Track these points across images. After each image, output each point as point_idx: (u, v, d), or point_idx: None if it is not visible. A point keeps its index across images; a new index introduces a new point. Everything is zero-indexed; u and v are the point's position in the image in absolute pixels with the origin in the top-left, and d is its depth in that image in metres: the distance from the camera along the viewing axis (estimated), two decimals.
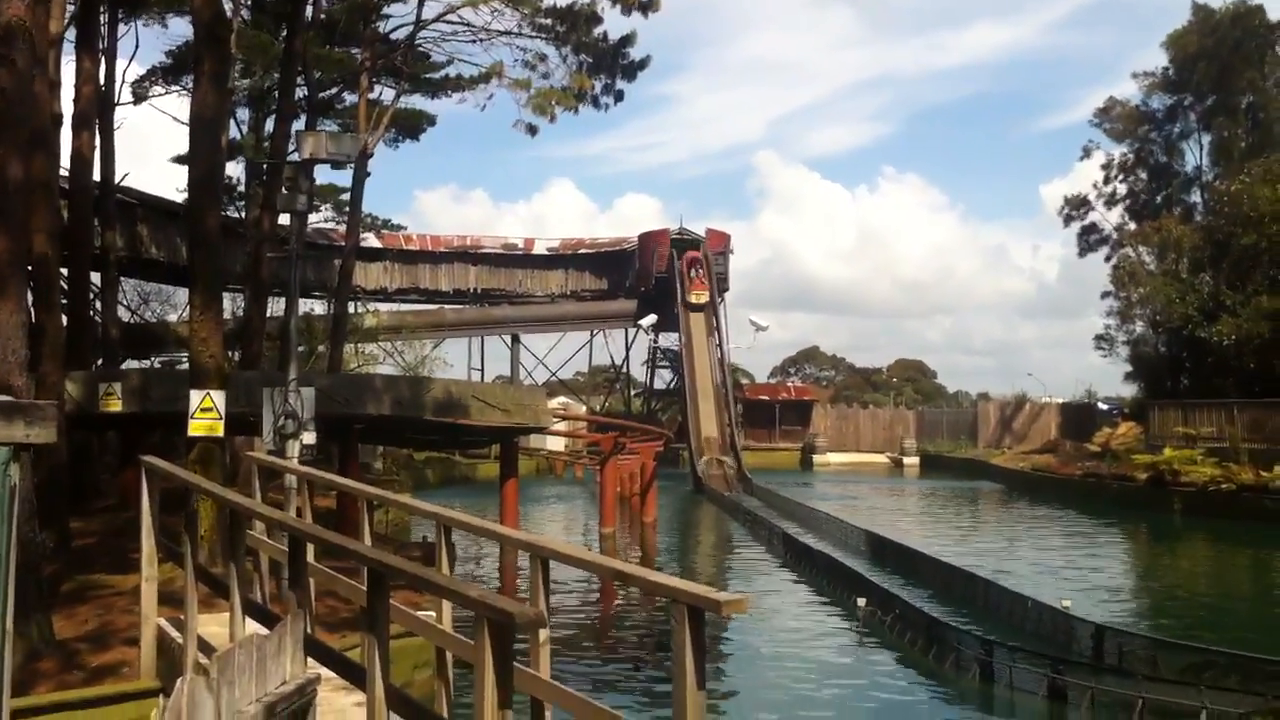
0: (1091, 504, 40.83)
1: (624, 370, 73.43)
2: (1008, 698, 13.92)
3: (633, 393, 74.43)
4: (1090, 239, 57.51)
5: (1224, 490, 36.14)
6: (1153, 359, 50.18)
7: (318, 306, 45.90)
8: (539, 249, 67.34)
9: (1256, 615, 21.66)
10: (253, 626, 7.92)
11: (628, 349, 71.19)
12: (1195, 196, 54.47)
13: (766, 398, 74.40)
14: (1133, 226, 53.57)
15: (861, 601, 19.03)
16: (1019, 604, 18.32)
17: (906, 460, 67.36)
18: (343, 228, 38.51)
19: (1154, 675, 13.37)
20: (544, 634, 6.27)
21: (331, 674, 7.47)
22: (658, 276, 63.47)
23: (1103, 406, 60.41)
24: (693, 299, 61.28)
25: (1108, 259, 55.68)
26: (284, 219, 26.48)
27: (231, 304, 34.68)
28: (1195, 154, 54.83)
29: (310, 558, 8.44)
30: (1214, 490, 36.41)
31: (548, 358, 70.01)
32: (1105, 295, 53.42)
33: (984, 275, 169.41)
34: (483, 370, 67.01)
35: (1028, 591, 19.12)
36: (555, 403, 51.57)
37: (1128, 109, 55.64)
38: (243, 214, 36.02)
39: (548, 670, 6.33)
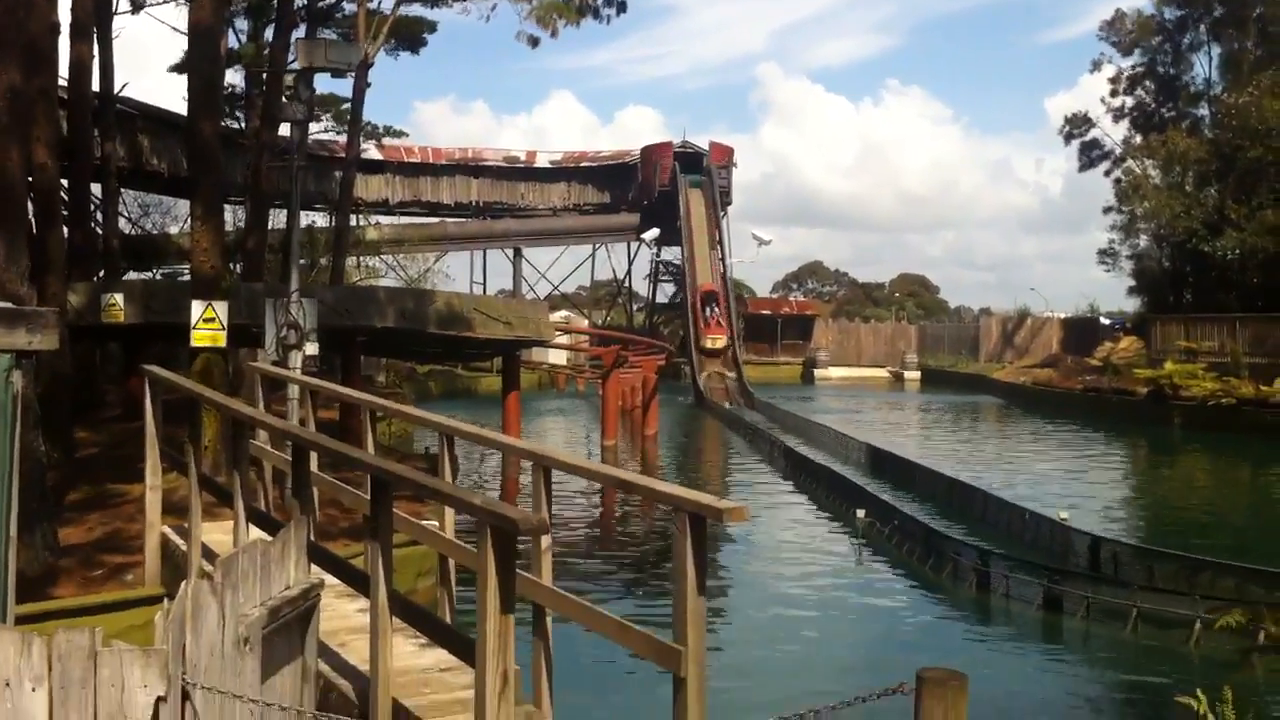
0: (1092, 418, 40.97)
1: (626, 284, 73.35)
2: (1004, 607, 14.09)
3: (635, 307, 74.38)
4: (1092, 154, 56.96)
5: (1224, 404, 36.26)
6: (1155, 273, 50.00)
7: (319, 219, 45.70)
8: (541, 162, 66.90)
9: (1252, 527, 21.84)
10: (256, 534, 7.99)
11: (630, 263, 71.11)
12: (1203, 110, 53.82)
13: (768, 312, 74.33)
14: (1138, 140, 53.04)
15: (861, 513, 19.18)
16: (1016, 515, 18.47)
17: (908, 375, 67.49)
18: (343, 139, 38.13)
19: (1149, 585, 13.52)
20: (546, 541, 6.30)
21: (335, 580, 7.56)
22: (660, 190, 63.09)
23: (1105, 321, 60.25)
24: (707, 344, 56.07)
25: (1108, 174, 55.23)
26: (284, 129, 26.25)
27: (233, 216, 34.45)
28: (1204, 66, 54.17)
29: (313, 467, 8.50)
30: (1214, 404, 36.52)
31: (550, 271, 69.97)
32: (1108, 210, 53.12)
33: (987, 189, 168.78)
34: (485, 284, 67.05)
35: (1026, 503, 19.27)
36: (557, 316, 51.60)
37: (1141, 19, 54.77)
38: (243, 124, 35.65)
39: (549, 577, 6.38)
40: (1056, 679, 11.86)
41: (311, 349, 15.47)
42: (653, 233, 62.27)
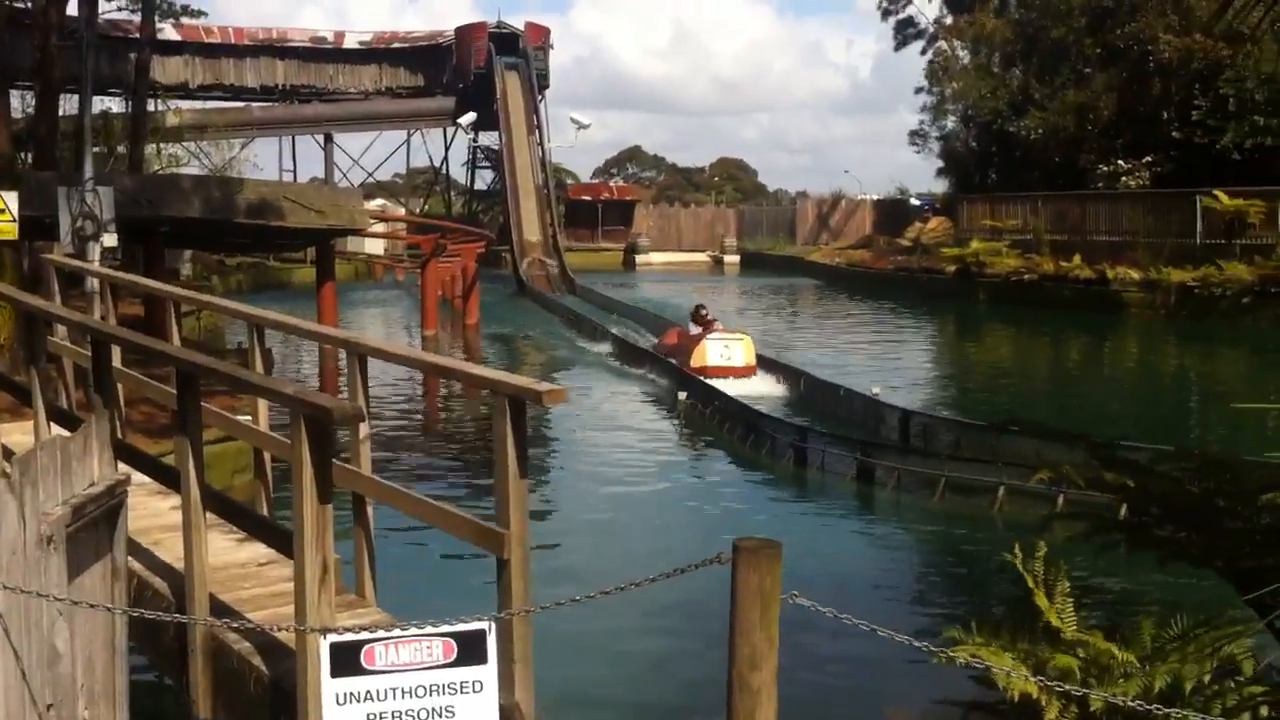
0: (903, 296, 42.23)
1: (443, 171, 72.07)
2: (820, 481, 14.55)
3: (453, 194, 73.21)
4: (906, 32, 57.77)
5: (1027, 280, 37.84)
6: (962, 154, 51.33)
7: (115, 105, 43.50)
8: (350, 43, 64.69)
9: (1052, 394, 22.99)
10: (60, 433, 7.67)
11: (447, 149, 69.70)
12: None
13: (589, 198, 73.97)
14: (949, 20, 53.98)
15: (682, 395, 19.48)
16: (832, 392, 19.01)
17: (727, 259, 68.27)
18: (138, 18, 36.13)
19: (955, 454, 14.12)
20: (364, 429, 6.21)
21: (147, 479, 7.35)
22: (476, 72, 61.74)
23: (915, 202, 61.83)
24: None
25: (923, 52, 56.17)
26: (73, 7, 24.73)
27: (20, 102, 32.57)
28: None
29: (117, 362, 8.17)
30: (1017, 280, 38.10)
31: (363, 158, 68.21)
32: (919, 90, 54.17)
33: (800, 72, 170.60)
34: (295, 172, 64.88)
35: (840, 380, 19.85)
36: (373, 205, 50.43)
37: None
38: (28, 2, 33.48)
39: (369, 466, 6.30)
40: (868, 545, 12.42)
41: (110, 240, 14.82)
42: (469, 117, 61.04)
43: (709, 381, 19.67)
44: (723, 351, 20.73)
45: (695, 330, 21.97)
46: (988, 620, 5.60)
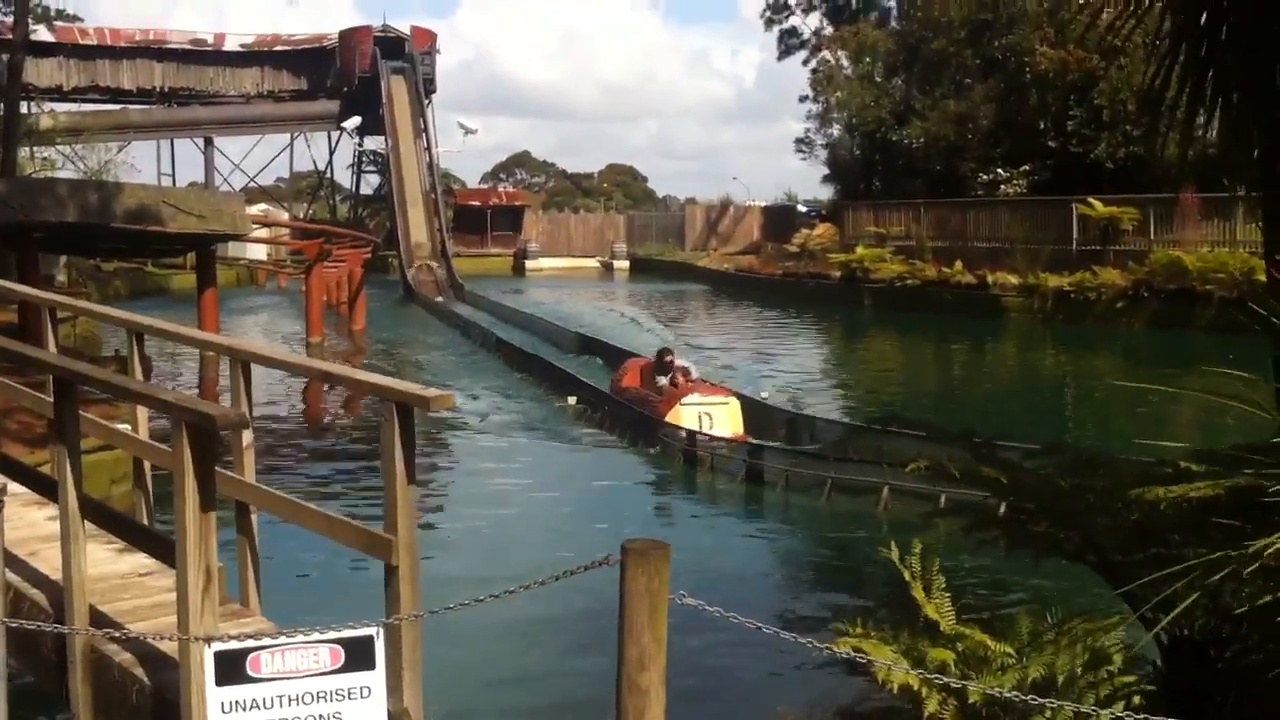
0: (790, 302, 42.76)
1: (328, 175, 71.13)
2: (709, 482, 14.69)
3: (338, 199, 72.29)
4: (789, 43, 58.58)
5: (910, 285, 38.59)
6: (847, 162, 52.13)
7: None
8: (231, 45, 63.64)
9: (935, 396, 23.47)
10: None
11: (331, 153, 68.94)
12: (890, 1, 56.08)
13: (477, 203, 73.52)
14: (830, 31, 54.82)
15: (572, 400, 19.49)
16: None
17: (617, 264, 68.42)
18: (10, 20, 35.09)
19: (842, 456, 14.36)
20: (248, 436, 6.13)
21: (23, 489, 7.18)
22: (361, 76, 61.12)
23: (801, 209, 62.65)
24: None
25: (805, 63, 56.99)
26: None
27: None
28: None
29: None
30: (901, 286, 38.84)
31: (245, 163, 67.18)
32: (804, 99, 54.92)
33: (686, 79, 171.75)
34: (174, 176, 63.67)
35: (730, 384, 20.02)
36: (255, 210, 49.57)
37: None
38: None
39: (252, 474, 6.22)
40: (756, 544, 12.59)
41: None
42: (354, 121, 60.38)
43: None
44: (701, 419, 16.14)
45: (662, 381, 17.65)
46: (872, 616, 5.72)
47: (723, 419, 16.25)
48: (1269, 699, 4.41)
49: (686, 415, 16.14)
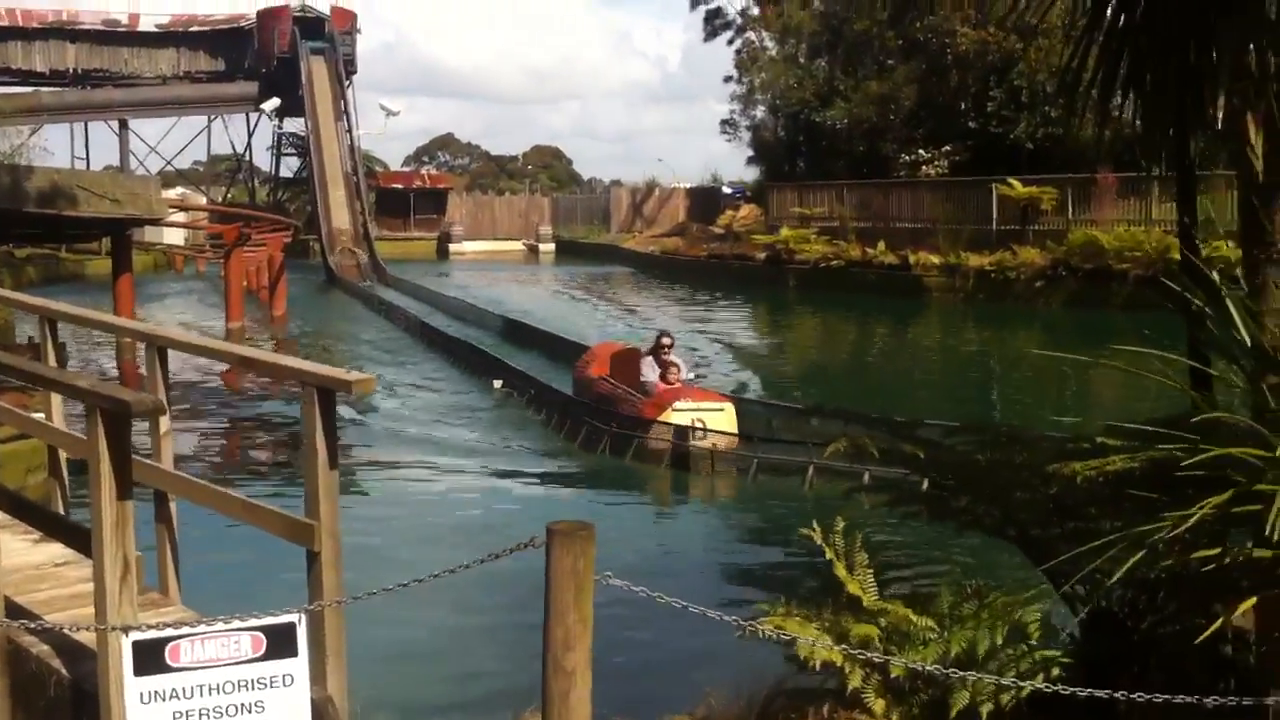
0: (716, 283, 42.88)
1: (247, 158, 70.06)
2: (637, 467, 14.67)
3: (257, 182, 71.25)
4: (715, 23, 58.54)
5: (834, 266, 38.85)
6: (772, 143, 52.27)
7: None
8: (145, 25, 62.28)
9: (859, 376, 23.72)
10: None
11: (250, 135, 67.78)
12: None
13: (400, 186, 72.77)
14: (756, 12, 54.89)
15: (497, 383, 19.41)
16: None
17: (542, 247, 68.13)
18: None
19: (769, 437, 14.46)
20: (165, 423, 6.03)
21: None
22: (280, 57, 60.14)
23: (726, 190, 62.67)
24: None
25: (730, 43, 57.00)
26: None
27: None
28: None
29: None
30: (825, 266, 39.08)
31: (161, 145, 65.79)
32: (728, 79, 54.95)
33: (610, 61, 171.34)
34: (88, 159, 62.23)
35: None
36: (172, 193, 48.76)
37: None
38: None
39: (170, 461, 6.12)
40: (682, 526, 12.73)
41: None
42: (273, 103, 59.44)
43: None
44: (693, 424, 14.43)
45: (650, 374, 15.73)
46: (796, 594, 5.77)
47: (718, 426, 14.49)
48: (1181, 667, 4.51)
49: (678, 421, 14.46)
